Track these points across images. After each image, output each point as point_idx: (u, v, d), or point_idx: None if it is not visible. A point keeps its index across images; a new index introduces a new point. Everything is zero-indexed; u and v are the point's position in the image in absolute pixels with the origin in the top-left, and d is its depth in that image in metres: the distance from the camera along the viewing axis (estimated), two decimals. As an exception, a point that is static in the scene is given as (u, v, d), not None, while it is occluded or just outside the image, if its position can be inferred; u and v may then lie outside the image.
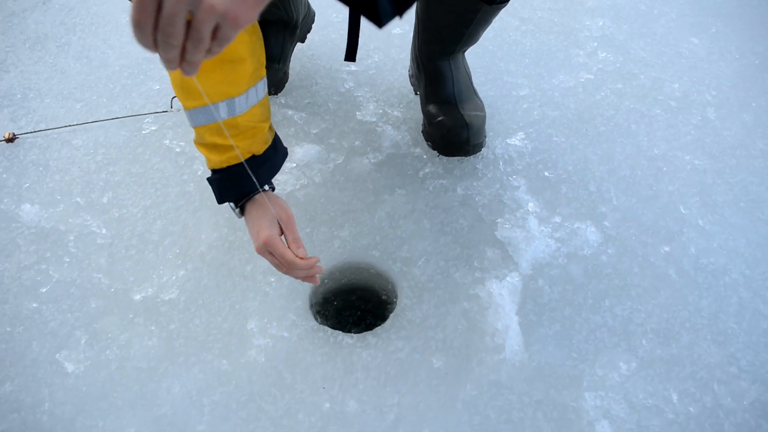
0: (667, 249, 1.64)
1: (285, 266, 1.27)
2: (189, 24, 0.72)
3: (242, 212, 1.32)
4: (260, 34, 1.27)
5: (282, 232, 1.27)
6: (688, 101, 1.98)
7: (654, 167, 1.80)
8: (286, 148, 1.41)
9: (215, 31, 0.75)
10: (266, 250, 1.25)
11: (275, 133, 1.38)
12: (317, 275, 1.32)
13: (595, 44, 2.15)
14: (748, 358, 1.48)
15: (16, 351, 1.48)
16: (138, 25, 0.71)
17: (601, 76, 2.05)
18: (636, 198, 1.73)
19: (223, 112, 1.20)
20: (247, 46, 1.20)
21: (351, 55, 1.39)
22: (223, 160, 1.25)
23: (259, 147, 1.30)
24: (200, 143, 1.27)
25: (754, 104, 1.99)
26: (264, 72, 1.29)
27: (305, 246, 1.30)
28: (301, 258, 1.26)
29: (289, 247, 1.26)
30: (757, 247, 1.65)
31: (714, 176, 1.79)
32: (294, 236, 1.27)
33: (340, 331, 1.52)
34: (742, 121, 1.93)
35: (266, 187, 1.33)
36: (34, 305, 1.55)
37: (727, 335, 1.51)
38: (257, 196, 1.28)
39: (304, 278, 1.32)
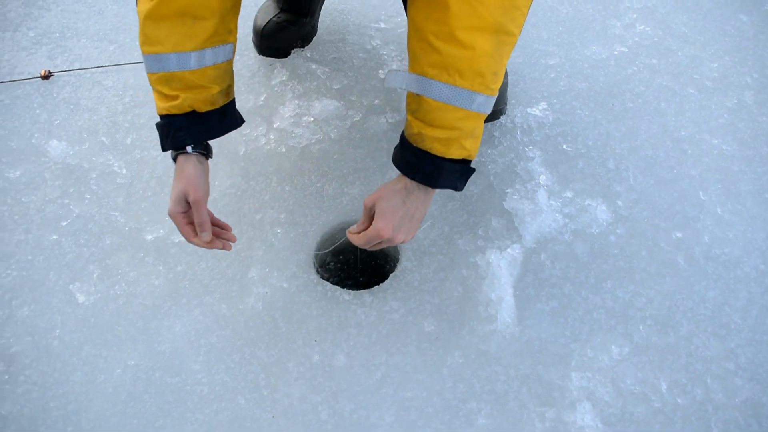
0: (679, 235, 1.60)
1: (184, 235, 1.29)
2: None
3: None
4: (238, 6, 1.27)
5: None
6: (726, 83, 1.89)
7: (678, 149, 1.75)
8: (240, 121, 1.39)
9: None
10: (172, 217, 1.27)
11: (233, 101, 1.36)
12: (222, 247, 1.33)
13: (635, 16, 2.06)
14: (747, 356, 1.45)
15: (34, 279, 1.57)
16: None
17: (636, 49, 1.97)
18: (654, 179, 1.69)
19: (172, 63, 1.20)
20: (214, 6, 1.19)
21: None
22: (165, 107, 1.24)
23: (201, 105, 1.26)
24: (153, 88, 1.27)
25: (798, 90, 1.89)
26: (231, 39, 1.28)
27: (315, 197, 1.33)
28: (203, 242, 1.28)
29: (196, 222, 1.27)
30: (776, 242, 1.60)
31: (741, 163, 1.73)
32: (200, 220, 1.26)
33: (338, 287, 1.56)
34: (781, 108, 1.84)
35: (190, 149, 1.28)
36: (55, 237, 1.63)
37: (730, 329, 1.48)
38: (189, 156, 1.27)
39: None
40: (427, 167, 1.18)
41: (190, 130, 1.26)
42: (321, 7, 1.94)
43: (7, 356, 1.46)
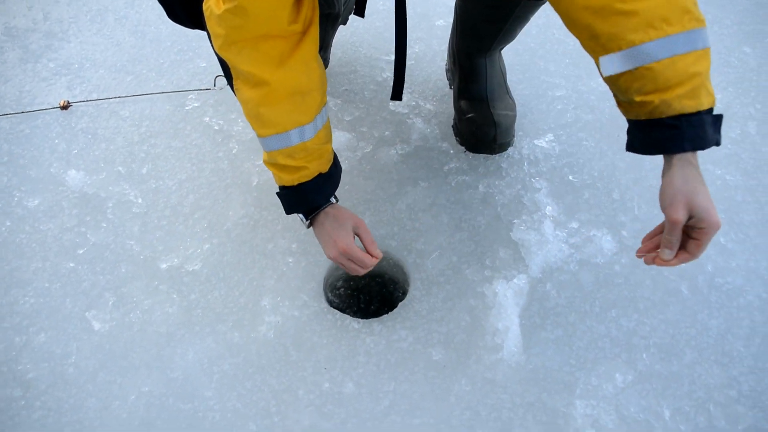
0: (682, 264, 1.62)
1: (360, 267, 1.40)
2: None
3: (310, 223, 1.44)
4: (323, 65, 1.36)
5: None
6: (730, 113, 1.92)
7: (682, 180, 1.77)
8: (339, 162, 1.49)
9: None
10: (344, 256, 1.38)
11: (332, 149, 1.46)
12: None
13: (640, 48, 2.10)
14: (750, 383, 1.47)
15: (51, 306, 1.62)
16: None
17: (641, 81, 2.00)
18: (658, 210, 1.70)
19: (294, 138, 1.29)
20: (316, 78, 1.29)
21: (398, 94, 1.53)
22: (294, 179, 1.34)
23: (325, 166, 1.38)
24: (271, 163, 1.35)
25: (800, 121, 1.92)
26: (326, 98, 1.37)
27: None
28: (377, 257, 1.42)
29: (367, 249, 1.42)
30: (779, 271, 1.62)
31: (745, 193, 1.75)
32: (371, 239, 1.43)
33: (348, 316, 1.59)
34: (784, 139, 1.87)
35: (332, 200, 1.43)
36: (71, 265, 1.68)
37: (732, 357, 1.50)
38: (323, 212, 1.40)
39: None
40: (690, 132, 1.07)
41: (323, 190, 1.39)
42: (333, 40, 2.00)
43: (24, 382, 1.50)
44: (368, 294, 1.78)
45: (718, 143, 1.11)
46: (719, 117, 1.10)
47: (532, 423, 1.42)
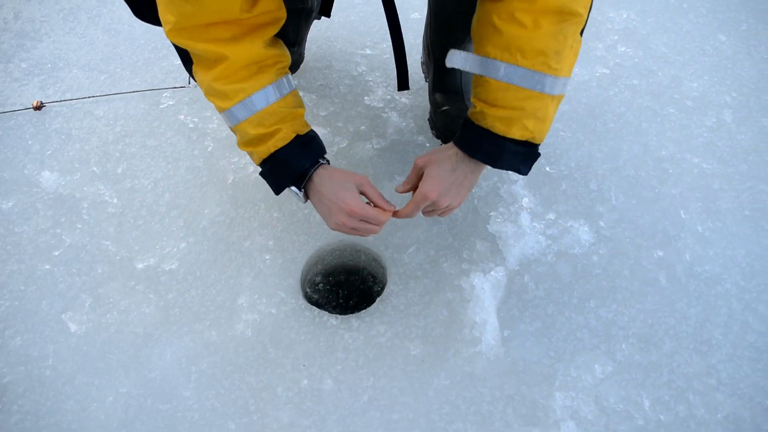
0: (660, 254, 1.63)
1: (374, 226, 1.31)
2: None
3: (306, 194, 1.35)
4: (282, 44, 1.32)
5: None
6: (705, 102, 1.93)
7: (659, 168, 1.78)
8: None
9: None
10: (355, 218, 1.28)
11: None
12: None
13: (616, 37, 2.10)
14: (728, 371, 1.47)
15: (27, 308, 1.60)
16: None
17: (618, 71, 2.01)
18: (636, 199, 1.72)
19: (259, 102, 1.24)
20: (273, 51, 1.26)
21: (404, 83, 1.47)
22: (269, 147, 1.27)
23: (302, 128, 1.31)
24: (244, 142, 1.30)
25: (776, 108, 1.93)
26: (287, 70, 1.32)
27: (303, 223, 1.51)
28: (390, 210, 1.33)
29: (377, 205, 1.32)
30: (756, 258, 1.63)
31: (721, 181, 1.76)
32: (378, 193, 1.34)
33: (326, 312, 1.58)
34: (759, 126, 1.87)
35: (322, 161, 1.34)
36: (47, 267, 1.66)
37: (711, 346, 1.51)
38: (316, 175, 1.30)
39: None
40: (486, 146, 1.20)
41: (305, 153, 1.29)
42: (307, 35, 1.98)
43: (0, 386, 1.48)
44: (347, 289, 1.77)
45: (519, 172, 1.25)
46: (534, 154, 1.23)
47: (512, 416, 1.42)
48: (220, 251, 1.66)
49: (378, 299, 1.60)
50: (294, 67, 1.98)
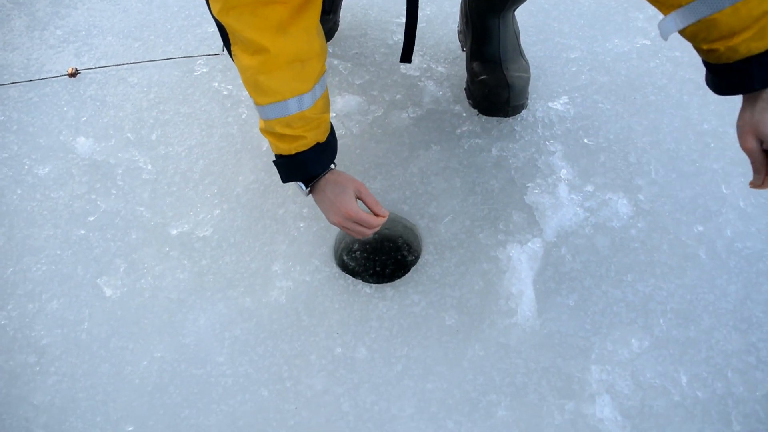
0: (701, 228, 1.59)
1: (365, 229, 1.41)
2: None
3: (310, 190, 1.44)
4: (323, 34, 1.33)
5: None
6: (750, 74, 1.87)
7: (701, 142, 1.73)
8: (335, 133, 1.49)
9: None
10: (349, 220, 1.39)
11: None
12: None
13: (658, 8, 2.04)
14: (769, 349, 1.44)
15: (63, 273, 1.61)
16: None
17: (659, 42, 1.95)
18: (676, 173, 1.68)
19: (293, 107, 1.27)
20: (317, 47, 1.27)
21: (407, 56, 1.51)
22: (291, 148, 1.34)
23: (323, 136, 1.39)
24: (268, 132, 1.34)
25: (825, 82, 1.86)
26: (325, 68, 1.35)
27: None
28: (383, 216, 1.42)
29: (372, 210, 1.42)
30: (799, 235, 1.58)
31: (765, 156, 1.71)
32: (374, 199, 1.44)
33: (360, 281, 1.58)
34: (806, 100, 1.81)
35: (331, 166, 1.43)
36: (82, 232, 1.67)
37: (751, 323, 1.47)
38: (323, 177, 1.41)
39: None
40: (758, 72, 1.08)
41: (321, 159, 1.39)
42: (342, 3, 1.96)
43: (38, 348, 1.50)
44: (384, 256, 1.76)
45: None
46: None
47: (547, 388, 1.41)
48: (254, 218, 1.66)
49: (413, 269, 1.59)
50: (329, 35, 1.96)
